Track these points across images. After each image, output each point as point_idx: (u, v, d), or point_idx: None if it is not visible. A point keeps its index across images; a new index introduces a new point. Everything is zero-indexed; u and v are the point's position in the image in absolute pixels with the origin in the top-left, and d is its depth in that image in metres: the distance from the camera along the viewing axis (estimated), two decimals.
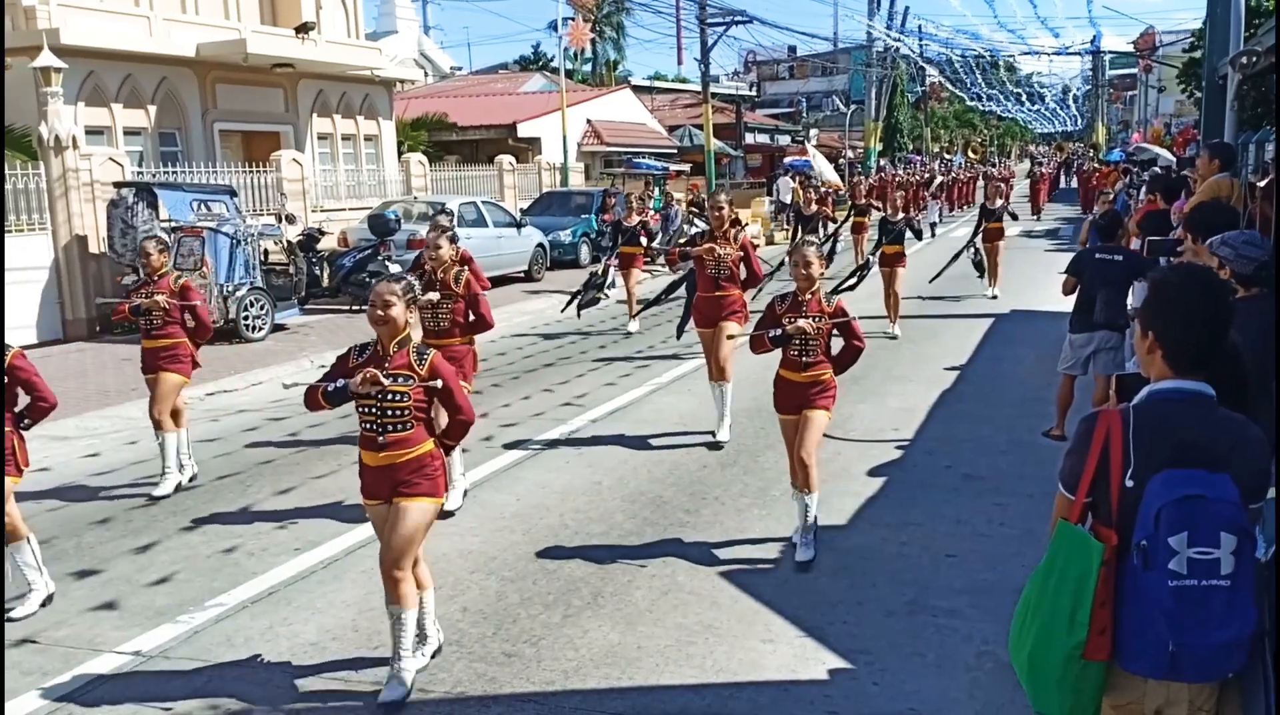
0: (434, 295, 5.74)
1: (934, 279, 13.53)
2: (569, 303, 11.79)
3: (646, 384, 9.22)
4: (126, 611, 4.60)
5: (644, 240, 12.42)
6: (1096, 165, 31.71)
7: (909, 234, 11.52)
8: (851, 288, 11.67)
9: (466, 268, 5.93)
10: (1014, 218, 14.32)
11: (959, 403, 8.27)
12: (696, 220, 16.68)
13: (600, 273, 12.15)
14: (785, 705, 3.70)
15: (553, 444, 7.33)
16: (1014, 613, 2.31)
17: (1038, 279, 14.87)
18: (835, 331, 4.95)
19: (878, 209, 17.09)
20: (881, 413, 7.95)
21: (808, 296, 4.93)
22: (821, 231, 15.36)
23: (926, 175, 33.26)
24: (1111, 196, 10.53)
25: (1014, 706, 3.58)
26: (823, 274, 4.94)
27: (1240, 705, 2.21)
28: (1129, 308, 6.43)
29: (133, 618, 4.53)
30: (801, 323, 4.83)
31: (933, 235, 21.61)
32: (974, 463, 6.57)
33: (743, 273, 7.24)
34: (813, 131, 49.26)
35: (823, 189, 26.37)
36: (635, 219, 12.63)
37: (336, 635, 4.31)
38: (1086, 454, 2.23)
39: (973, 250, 13.81)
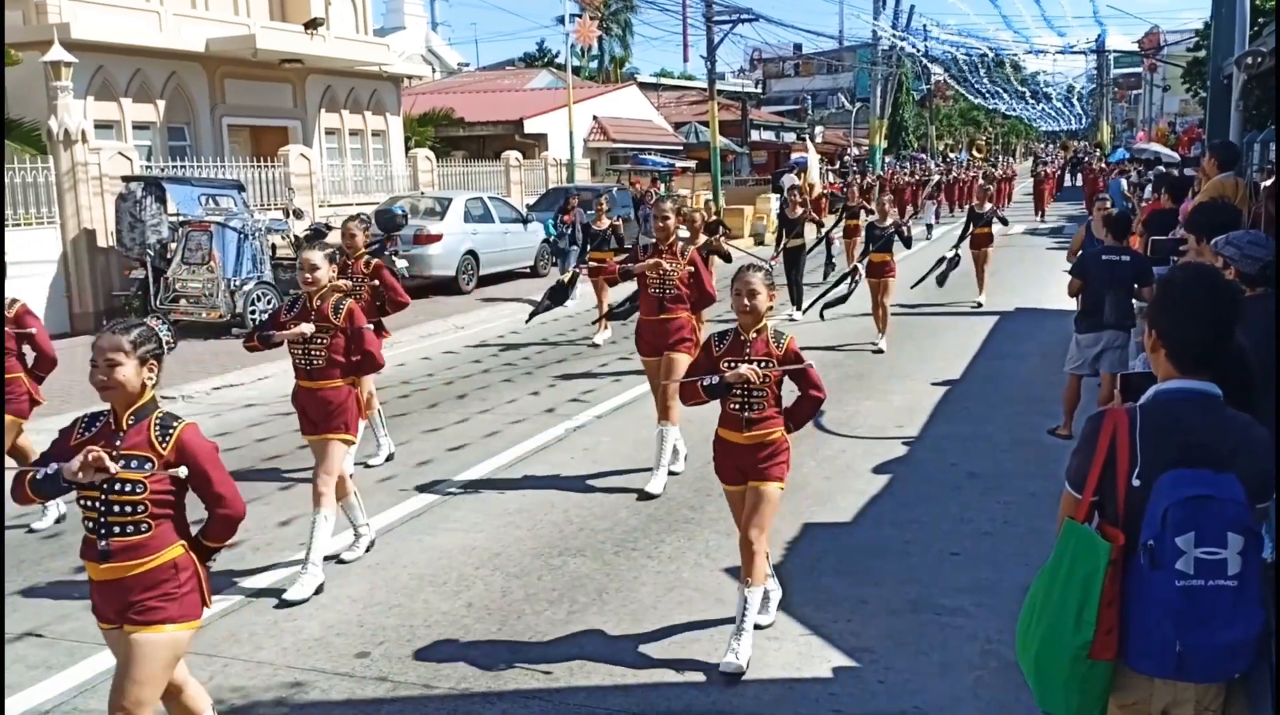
0: (308, 327, 4.80)
1: (915, 285, 12.49)
2: (532, 313, 10.73)
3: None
4: None
5: (615, 244, 11.52)
6: (1103, 165, 31.31)
7: (899, 241, 10.55)
8: (840, 300, 10.54)
9: (349, 300, 4.99)
10: (1004, 223, 13.48)
11: (963, 401, 8.25)
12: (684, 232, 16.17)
13: (568, 281, 10.99)
14: (790, 703, 3.70)
15: (558, 439, 7.34)
16: (1020, 612, 2.30)
17: (1042, 277, 14.84)
18: (788, 378, 4.01)
19: (869, 212, 16.74)
20: (886, 410, 7.94)
21: (752, 335, 3.95)
22: (818, 236, 14.94)
23: (921, 176, 32.40)
24: (1109, 201, 9.51)
25: (1019, 705, 3.58)
26: (771, 308, 4.02)
27: (1246, 706, 2.20)
28: (1136, 308, 6.42)
29: None
30: (743, 369, 3.84)
31: (929, 237, 21.37)
32: (978, 461, 6.56)
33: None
34: (818, 129, 49.20)
35: (819, 189, 26.06)
36: (605, 222, 11.77)
37: (341, 631, 4.32)
38: (1093, 453, 2.23)
39: (952, 253, 12.69)
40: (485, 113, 27.68)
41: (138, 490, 2.81)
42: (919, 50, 43.13)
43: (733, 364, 3.93)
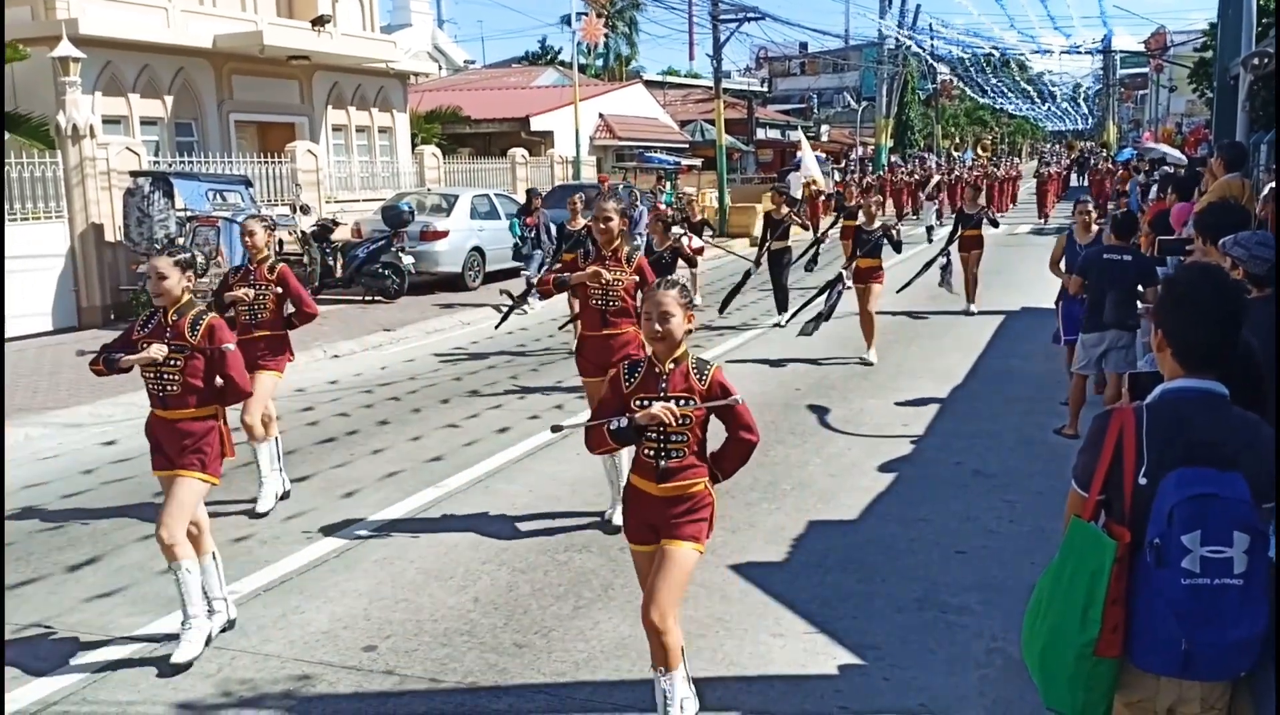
0: (158, 350, 4.03)
1: (901, 290, 12.05)
2: (502, 319, 10.32)
3: None
4: (139, 598, 4.64)
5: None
6: (1110, 166, 30.67)
7: (889, 246, 9.74)
8: (822, 317, 9.82)
9: (210, 315, 4.19)
10: (994, 224, 13.01)
11: (969, 399, 8.25)
12: (676, 230, 13.04)
13: (525, 288, 10.26)
14: (795, 699, 3.71)
15: (566, 436, 7.34)
16: (1026, 609, 2.31)
17: (1048, 276, 14.79)
18: (716, 417, 3.36)
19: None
20: (891, 408, 7.94)
21: (668, 366, 3.30)
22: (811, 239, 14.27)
23: (921, 176, 31.50)
24: (1090, 203, 8.34)
25: (1024, 703, 3.58)
26: (690, 331, 3.34)
27: (1251, 704, 2.21)
28: (1140, 308, 6.41)
29: (145, 604, 4.57)
30: (655, 408, 3.19)
31: (929, 239, 21.09)
32: (984, 459, 6.56)
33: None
34: (824, 127, 49.12)
35: (813, 188, 25.53)
36: (580, 222, 10.57)
37: (348, 624, 4.34)
38: (1100, 451, 2.23)
39: (944, 259, 12.25)
40: (491, 110, 27.70)
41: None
42: (925, 49, 43.07)
43: (645, 402, 3.25)
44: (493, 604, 4.51)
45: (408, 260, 14.31)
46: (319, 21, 17.10)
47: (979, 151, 47.54)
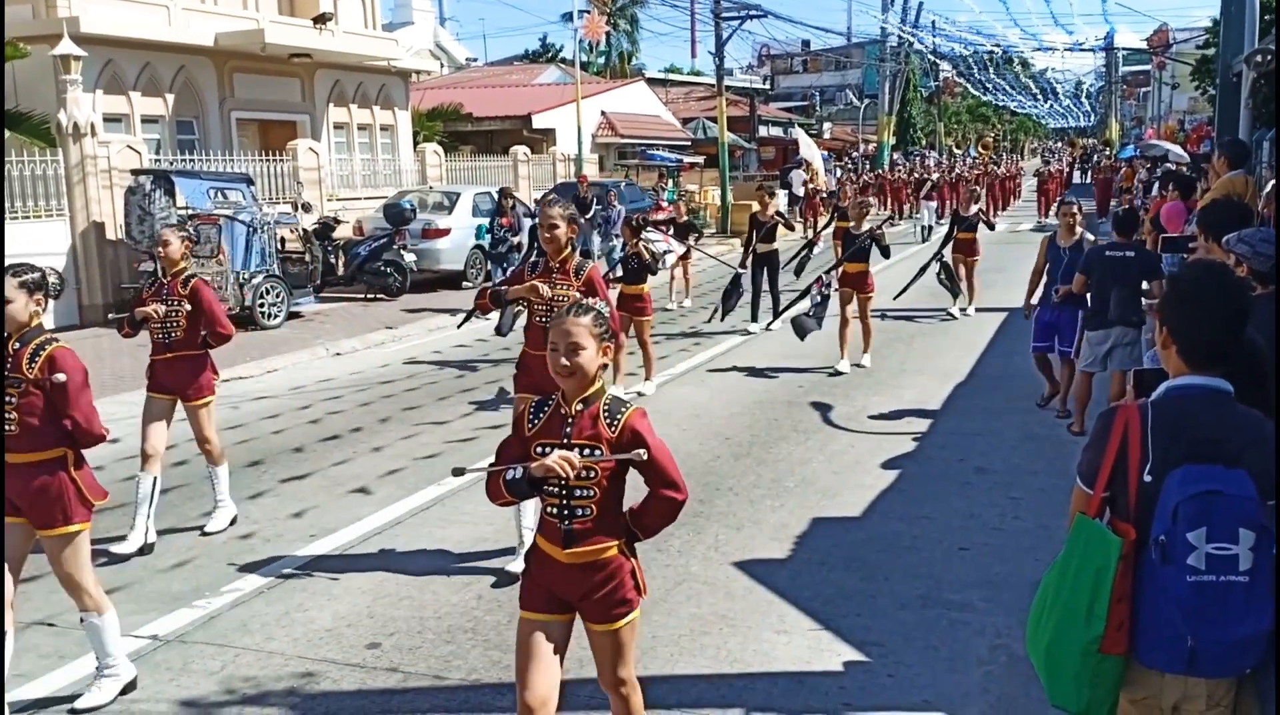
0: None
1: (899, 296, 11.53)
2: (465, 318, 9.68)
3: (660, 375, 9.22)
4: (143, 596, 4.65)
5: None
6: (1114, 163, 30.22)
7: (877, 251, 9.15)
8: (813, 316, 9.02)
9: (54, 344, 3.61)
10: (990, 227, 12.39)
11: (972, 396, 8.25)
12: (651, 234, 11.77)
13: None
14: (799, 697, 3.71)
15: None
16: (1031, 606, 2.31)
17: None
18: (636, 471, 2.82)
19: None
20: (895, 406, 7.93)
21: (576, 407, 2.80)
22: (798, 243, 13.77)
23: (920, 174, 30.11)
24: (1075, 206, 7.48)
25: (1028, 700, 3.58)
26: (606, 365, 2.85)
27: (1257, 701, 2.20)
28: (1145, 304, 6.40)
29: (150, 602, 4.57)
30: (551, 460, 2.69)
31: (924, 239, 20.98)
32: (987, 456, 6.55)
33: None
34: (826, 125, 49.07)
35: (810, 186, 24.67)
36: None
37: (352, 622, 4.34)
38: (1105, 449, 2.23)
39: (938, 265, 11.53)
40: (493, 108, 27.69)
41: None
42: (927, 47, 43.03)
43: (545, 449, 2.75)
44: (496, 601, 4.51)
45: (409, 258, 14.32)
46: (320, 19, 17.10)
47: (980, 149, 47.28)
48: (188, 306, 5.27)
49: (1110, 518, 2.24)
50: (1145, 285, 6.45)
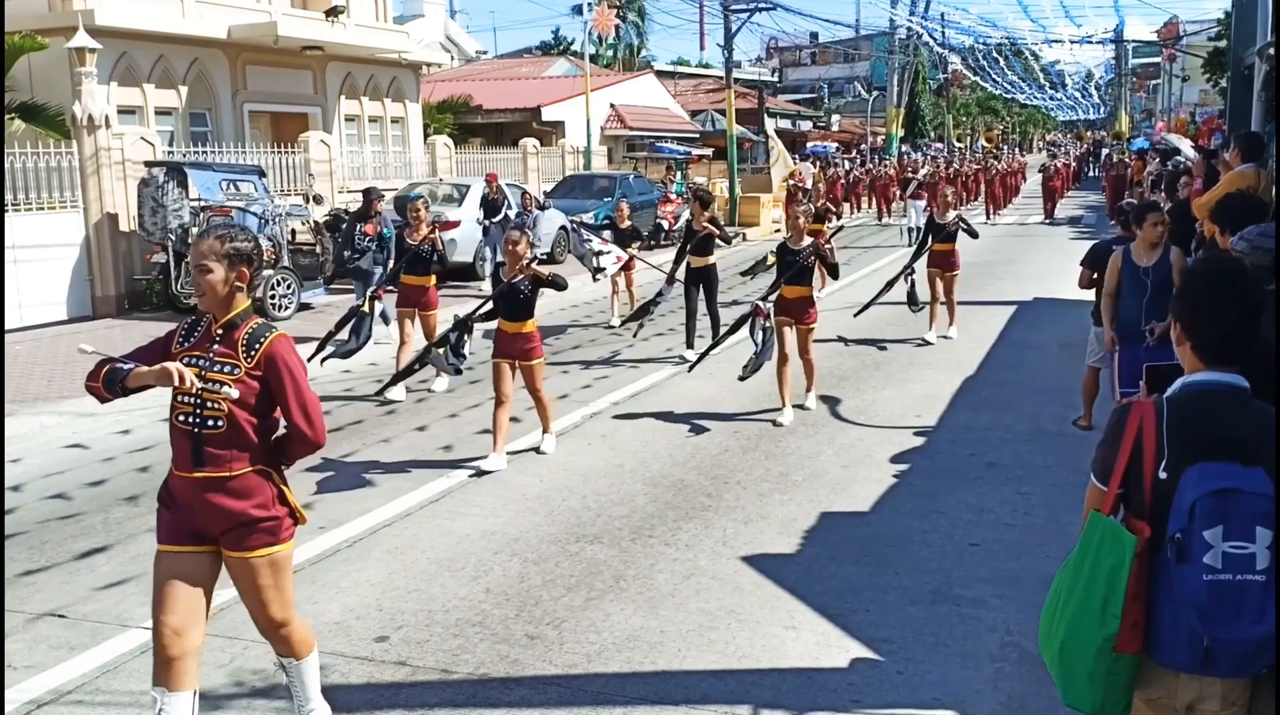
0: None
1: (860, 313, 10.19)
2: (321, 344, 8.27)
3: (669, 367, 9.21)
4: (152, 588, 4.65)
5: (439, 263, 8.43)
6: (1126, 158, 27.80)
7: (823, 271, 7.73)
8: (758, 355, 7.33)
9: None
10: (973, 235, 10.49)
11: (982, 390, 8.20)
12: (595, 239, 10.29)
13: (365, 309, 8.23)
14: (808, 693, 3.69)
15: (575, 426, 7.34)
16: (1043, 604, 2.28)
17: (1062, 266, 14.70)
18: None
19: (836, 215, 13.87)
20: (904, 399, 7.90)
21: (218, 330, 2.98)
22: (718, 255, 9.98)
23: (911, 167, 27.72)
24: (1164, 219, 6.31)
25: (1039, 698, 3.56)
26: (242, 287, 2.94)
27: (1273, 700, 2.18)
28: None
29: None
30: (173, 366, 2.83)
31: (911, 243, 19.94)
32: (998, 451, 6.52)
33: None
34: (834, 117, 48.88)
35: (791, 183, 21.16)
36: (423, 232, 8.40)
37: (361, 615, 4.34)
38: (1119, 445, 2.20)
39: (908, 280, 10.11)
40: (503, 100, 27.70)
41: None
42: (936, 39, 42.79)
43: (190, 360, 2.90)
44: (504, 595, 4.51)
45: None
46: (332, 12, 17.13)
47: (985, 143, 46.72)
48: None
49: (1125, 515, 2.21)
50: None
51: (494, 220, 14.03)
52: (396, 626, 4.22)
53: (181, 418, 2.95)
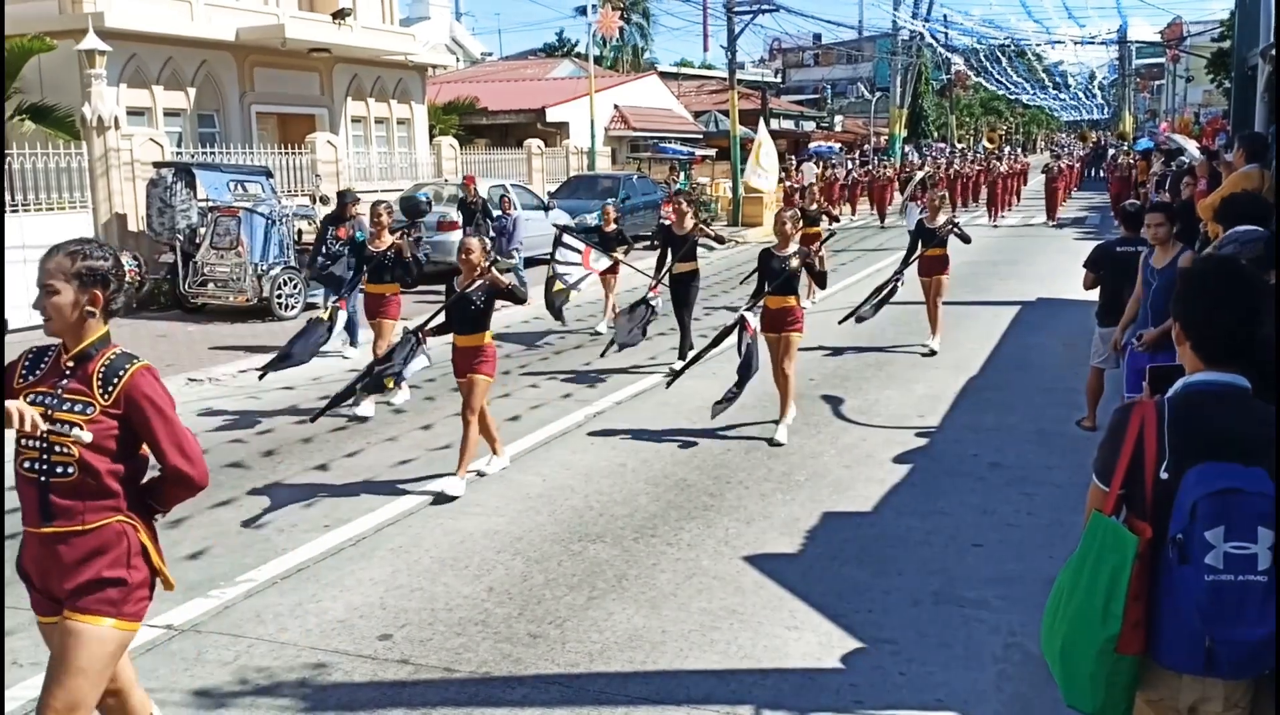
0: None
1: (844, 320, 9.22)
2: (269, 364, 7.49)
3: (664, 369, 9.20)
4: (156, 585, 4.67)
5: (403, 272, 8.10)
6: (1130, 159, 26.79)
7: (808, 279, 7.40)
8: (738, 386, 6.70)
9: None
10: (965, 239, 9.79)
11: (986, 390, 8.19)
12: (569, 255, 9.53)
13: (327, 320, 7.55)
14: (810, 694, 3.70)
15: (577, 425, 7.35)
16: (1046, 604, 2.28)
17: (1065, 267, 14.67)
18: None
19: (834, 218, 12.73)
20: (907, 399, 7.89)
21: (68, 362, 2.65)
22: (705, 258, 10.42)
23: (905, 172, 26.60)
24: (1161, 220, 5.72)
25: (1042, 699, 3.55)
26: (94, 311, 2.62)
27: (1276, 702, 2.17)
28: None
29: (163, 593, 4.58)
30: (14, 405, 2.45)
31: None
32: (1001, 451, 6.51)
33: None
34: (837, 118, 48.82)
35: (788, 184, 21.32)
36: (386, 240, 7.97)
37: (364, 613, 4.36)
38: (1121, 445, 2.20)
39: (892, 282, 9.48)
40: (508, 101, 27.77)
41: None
42: (939, 40, 42.73)
43: (38, 398, 2.55)
44: (507, 594, 4.52)
45: (424, 251, 14.33)
46: (339, 15, 17.21)
47: (987, 143, 46.26)
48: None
49: (1126, 515, 2.21)
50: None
51: (469, 227, 13.44)
52: (400, 625, 4.23)
53: (26, 465, 2.55)
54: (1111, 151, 39.68)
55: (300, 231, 13.12)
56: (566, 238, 9.66)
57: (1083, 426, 6.87)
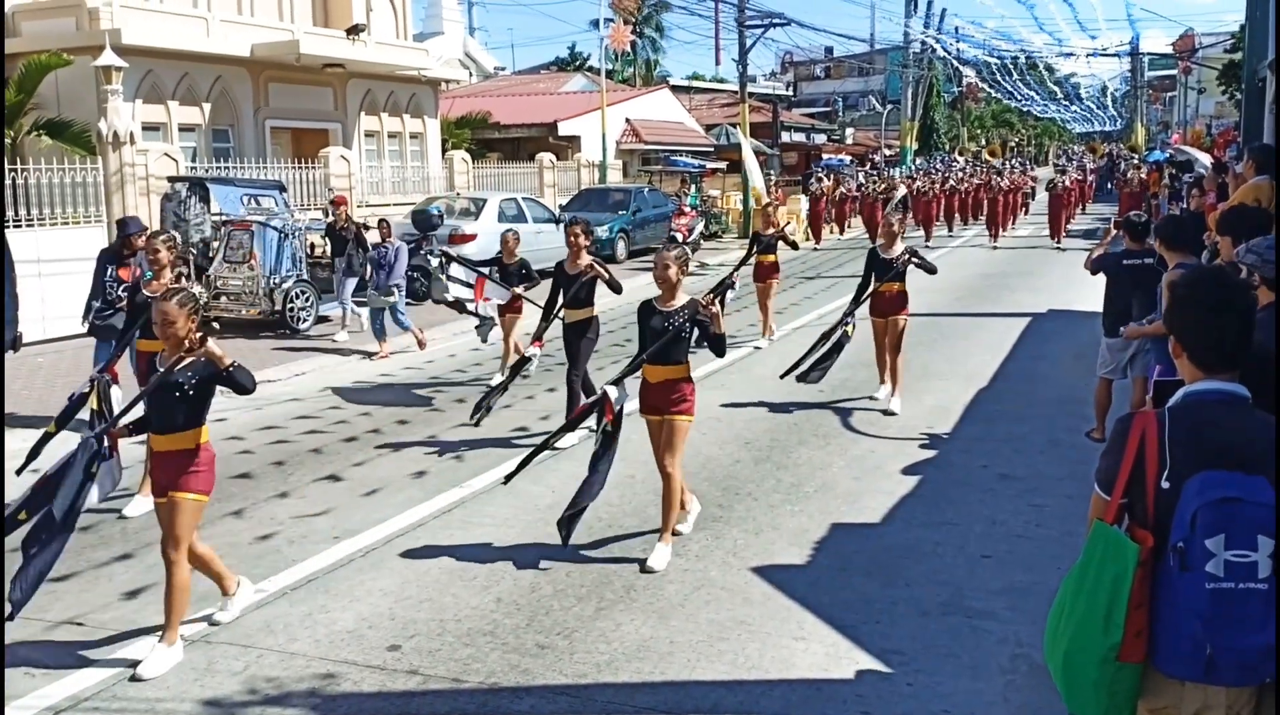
0: None
1: (785, 374, 7.74)
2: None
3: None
4: None
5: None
6: (1141, 174, 25.42)
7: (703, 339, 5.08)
8: (571, 512, 4.97)
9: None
10: (930, 271, 7.97)
11: (995, 402, 8.17)
12: (456, 287, 8.74)
13: (95, 406, 5.68)
14: (817, 704, 3.70)
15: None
16: (1049, 613, 2.29)
17: (1074, 278, 14.61)
18: None
19: (792, 246, 11.23)
20: (917, 410, 7.87)
21: None
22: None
23: (886, 191, 24.65)
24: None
25: (1050, 711, 3.54)
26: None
27: (1277, 710, 2.17)
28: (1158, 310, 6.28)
29: None
30: None
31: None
32: (1010, 463, 6.49)
33: None
34: (849, 130, 48.86)
35: (766, 201, 17.50)
36: (165, 278, 6.01)
37: (374, 624, 4.38)
38: (1122, 455, 2.22)
39: (840, 329, 7.74)
40: (520, 115, 27.95)
41: None
42: (950, 53, 42.78)
43: None
44: (515, 604, 4.54)
45: (434, 263, 14.42)
46: (354, 30, 17.41)
47: (988, 156, 45.62)
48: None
49: (1128, 524, 2.22)
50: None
51: (339, 258, 11.43)
52: (409, 635, 4.25)
53: None
54: (1122, 164, 39.01)
55: (313, 244, 13.23)
56: (454, 268, 8.65)
57: (1092, 438, 6.85)
